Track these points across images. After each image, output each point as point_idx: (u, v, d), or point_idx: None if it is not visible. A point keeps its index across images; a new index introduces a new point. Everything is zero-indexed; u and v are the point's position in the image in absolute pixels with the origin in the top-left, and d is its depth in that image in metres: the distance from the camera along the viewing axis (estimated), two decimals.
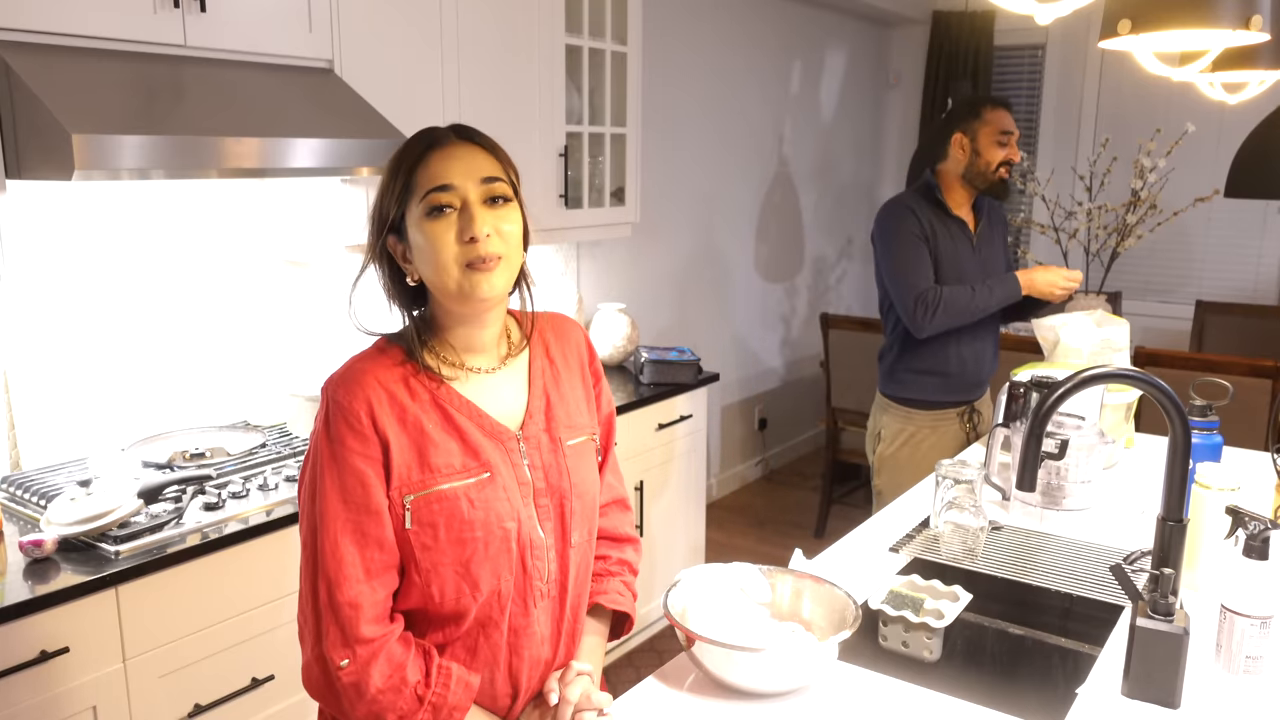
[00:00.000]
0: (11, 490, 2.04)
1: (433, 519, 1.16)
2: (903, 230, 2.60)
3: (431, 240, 1.14)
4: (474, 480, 1.18)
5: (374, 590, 1.16)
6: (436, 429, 1.18)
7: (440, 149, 1.17)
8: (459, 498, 1.17)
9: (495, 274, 1.15)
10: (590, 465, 1.32)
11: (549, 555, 1.25)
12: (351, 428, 1.15)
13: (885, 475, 2.77)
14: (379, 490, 1.15)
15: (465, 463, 1.18)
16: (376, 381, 1.17)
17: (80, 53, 1.85)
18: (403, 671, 1.16)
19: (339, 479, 1.15)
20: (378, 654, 1.15)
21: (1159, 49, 1.93)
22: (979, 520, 1.79)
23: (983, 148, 2.60)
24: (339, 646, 1.15)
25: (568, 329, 1.37)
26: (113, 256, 2.27)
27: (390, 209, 1.18)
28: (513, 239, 1.17)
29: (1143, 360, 3.44)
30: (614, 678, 3.11)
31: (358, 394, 1.16)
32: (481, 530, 1.18)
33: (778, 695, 1.34)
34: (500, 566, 1.20)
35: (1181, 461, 1.33)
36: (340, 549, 1.15)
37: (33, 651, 1.66)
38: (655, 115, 4.01)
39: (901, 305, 2.59)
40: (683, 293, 4.44)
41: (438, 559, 1.17)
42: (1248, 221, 4.93)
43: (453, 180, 1.15)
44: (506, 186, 1.17)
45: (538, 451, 1.25)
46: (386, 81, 2.42)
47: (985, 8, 5.27)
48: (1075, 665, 1.51)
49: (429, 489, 1.16)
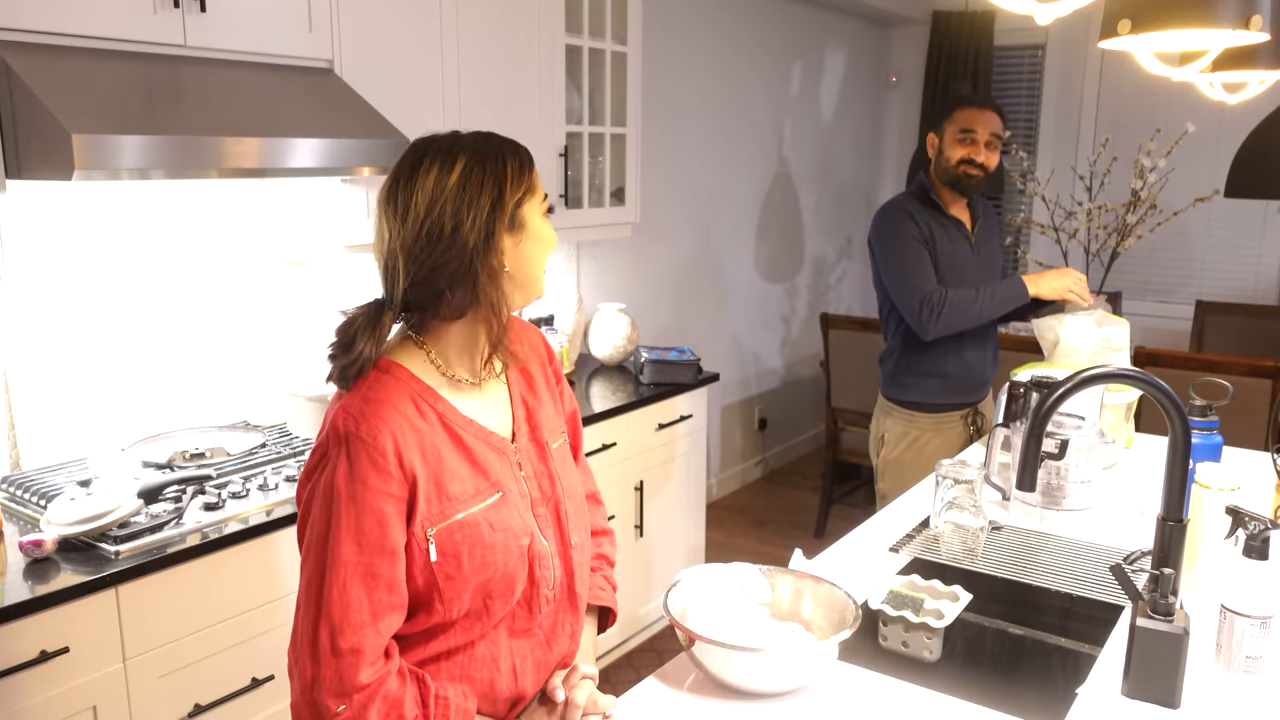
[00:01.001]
0: (11, 490, 2.04)
1: (455, 549, 1.14)
2: (901, 233, 2.59)
3: (544, 234, 1.21)
4: (490, 502, 1.18)
5: (379, 634, 1.12)
6: (451, 454, 1.17)
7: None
8: (480, 523, 1.16)
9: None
10: (571, 465, 1.34)
11: (554, 562, 1.26)
12: (377, 466, 1.10)
13: (889, 479, 2.77)
14: (398, 530, 1.12)
15: (478, 485, 1.18)
16: (397, 412, 1.14)
17: (80, 53, 1.85)
18: (400, 709, 1.13)
19: (356, 521, 1.10)
20: (374, 697, 1.11)
21: (1159, 49, 1.93)
22: (979, 520, 1.79)
23: (946, 145, 2.62)
24: (334, 694, 1.10)
25: (528, 331, 1.38)
26: (113, 256, 2.27)
27: (485, 221, 1.15)
28: None
29: (1143, 360, 3.44)
30: (614, 678, 3.11)
31: (381, 430, 1.11)
32: (502, 552, 1.17)
33: (778, 695, 1.34)
34: (516, 582, 1.20)
35: (1181, 461, 1.33)
36: (349, 594, 1.10)
37: (33, 651, 1.66)
38: (655, 115, 4.01)
39: (906, 308, 2.58)
40: (683, 293, 4.44)
41: (461, 587, 1.15)
42: (1248, 221, 4.93)
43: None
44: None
45: (529, 460, 1.26)
46: (386, 81, 2.42)
47: (985, 8, 5.27)
48: (1075, 665, 1.51)
49: (450, 519, 1.15)
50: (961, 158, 2.58)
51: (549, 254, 1.23)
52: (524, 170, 1.19)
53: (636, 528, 3.17)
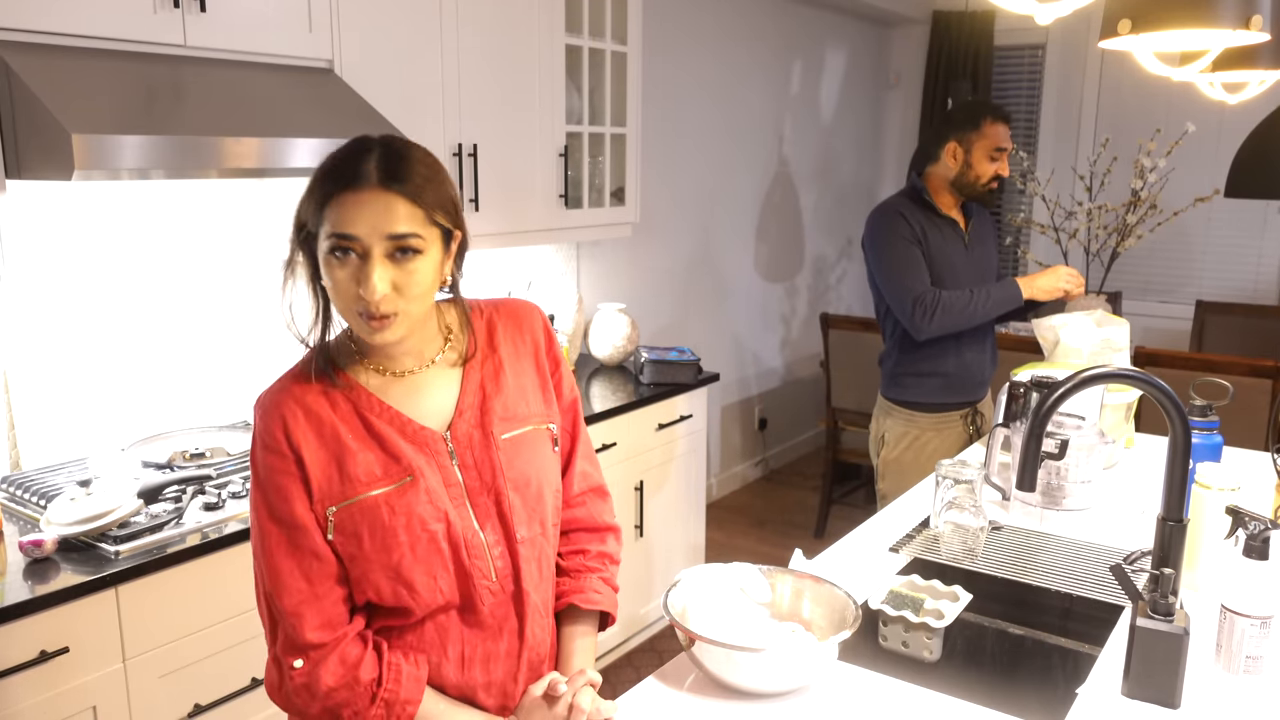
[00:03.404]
0: (11, 490, 2.04)
1: (355, 529, 1.18)
2: (894, 235, 2.60)
3: (332, 278, 1.15)
4: (394, 486, 1.19)
5: (318, 598, 1.18)
6: (355, 439, 1.20)
7: (355, 192, 1.11)
8: (379, 505, 1.18)
9: (388, 330, 1.15)
10: (537, 455, 1.29)
11: (492, 554, 1.24)
12: (268, 447, 1.19)
13: (890, 479, 2.77)
14: (302, 505, 1.18)
15: (387, 469, 1.20)
16: (293, 399, 1.20)
17: (80, 53, 1.85)
18: (356, 670, 1.19)
19: (265, 496, 1.19)
20: (328, 656, 1.18)
21: (1159, 49, 1.93)
22: (979, 520, 1.79)
23: (975, 160, 2.59)
24: (287, 651, 1.19)
25: (523, 315, 1.35)
26: (113, 256, 2.27)
27: (306, 219, 1.17)
28: (414, 290, 1.14)
29: (1143, 360, 3.44)
30: (614, 678, 3.11)
31: (273, 413, 1.20)
32: (405, 534, 1.19)
33: (778, 695, 1.34)
34: (434, 567, 1.21)
35: (1181, 461, 1.33)
36: (276, 561, 1.18)
37: (33, 651, 1.66)
38: (655, 114, 4.01)
39: (900, 309, 2.58)
40: (683, 293, 4.44)
41: (366, 567, 1.19)
42: (1248, 221, 4.93)
43: (357, 232, 1.11)
44: (419, 240, 1.13)
45: (469, 450, 1.24)
46: (386, 81, 2.42)
47: (985, 8, 5.27)
48: (1075, 665, 1.51)
49: (350, 499, 1.18)
50: (993, 175, 2.59)
51: (340, 298, 1.16)
52: (321, 190, 1.14)
53: (636, 528, 3.17)
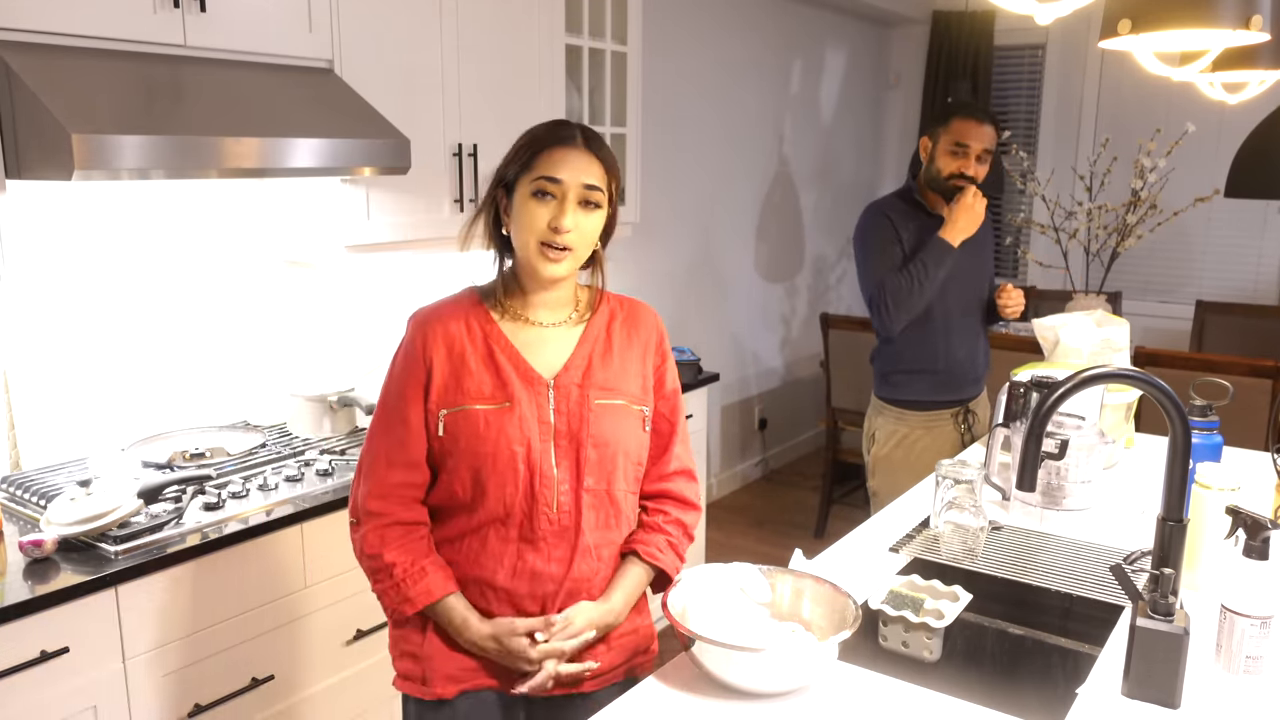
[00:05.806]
0: (11, 490, 2.04)
1: (457, 431, 1.42)
2: (872, 236, 2.62)
3: (529, 214, 1.40)
4: (496, 407, 1.42)
5: (390, 474, 1.44)
6: (477, 362, 1.44)
7: (565, 147, 1.40)
8: (479, 417, 1.42)
9: (562, 263, 1.41)
10: (621, 426, 1.48)
11: (560, 489, 1.44)
12: (406, 353, 1.46)
13: (880, 476, 2.78)
14: (415, 406, 1.44)
15: (494, 392, 1.43)
16: (439, 320, 1.46)
17: (80, 53, 1.85)
18: (388, 549, 1.43)
19: (390, 388, 1.47)
20: (375, 526, 1.44)
21: (1159, 49, 1.93)
22: (979, 520, 1.79)
23: (938, 154, 2.60)
24: (352, 509, 1.49)
25: (642, 315, 1.57)
26: (113, 256, 2.27)
27: (509, 173, 1.43)
28: (588, 236, 1.42)
29: (1143, 360, 3.44)
30: None
31: (417, 328, 1.47)
32: (491, 447, 1.41)
33: (778, 695, 1.34)
34: (506, 481, 1.42)
35: (1181, 461, 1.33)
36: (374, 437, 1.47)
37: (33, 651, 1.66)
38: (655, 114, 4.01)
39: (869, 311, 2.63)
40: (683, 293, 4.44)
41: (457, 462, 1.43)
42: (1248, 221, 4.93)
43: (562, 176, 1.39)
44: (602, 195, 1.42)
45: (565, 399, 1.45)
46: (386, 81, 2.42)
47: (985, 8, 5.27)
48: (1075, 665, 1.51)
49: (459, 407, 1.42)
50: (952, 171, 2.57)
51: (531, 231, 1.40)
52: (531, 147, 1.41)
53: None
